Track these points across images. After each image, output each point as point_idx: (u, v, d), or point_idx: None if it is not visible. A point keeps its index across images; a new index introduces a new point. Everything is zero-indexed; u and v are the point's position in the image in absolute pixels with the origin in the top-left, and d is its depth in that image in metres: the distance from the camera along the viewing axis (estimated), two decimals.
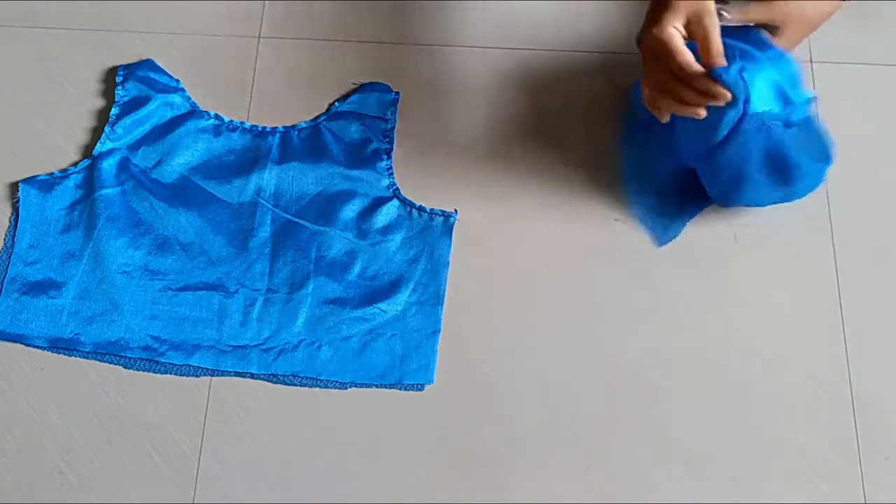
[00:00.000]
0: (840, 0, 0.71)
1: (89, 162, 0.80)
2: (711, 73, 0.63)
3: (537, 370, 0.75)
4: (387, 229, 0.79)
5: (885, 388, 0.74)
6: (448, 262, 0.78)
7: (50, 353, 0.75)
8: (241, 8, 0.90)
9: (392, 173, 0.81)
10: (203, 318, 0.76)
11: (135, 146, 0.82)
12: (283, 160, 0.82)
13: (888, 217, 0.81)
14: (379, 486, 0.71)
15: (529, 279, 0.78)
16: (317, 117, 0.84)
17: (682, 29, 0.65)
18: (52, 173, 0.81)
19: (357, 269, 0.77)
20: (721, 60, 0.64)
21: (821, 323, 0.77)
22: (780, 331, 0.76)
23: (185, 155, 0.82)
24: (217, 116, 0.84)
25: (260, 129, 0.83)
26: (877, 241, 0.80)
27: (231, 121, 0.84)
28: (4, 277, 0.77)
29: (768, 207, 0.79)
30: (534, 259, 0.79)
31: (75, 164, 0.81)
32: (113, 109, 0.83)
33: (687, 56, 0.64)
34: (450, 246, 0.79)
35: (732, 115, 0.67)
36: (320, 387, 0.74)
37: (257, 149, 0.82)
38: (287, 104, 0.85)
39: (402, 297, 0.76)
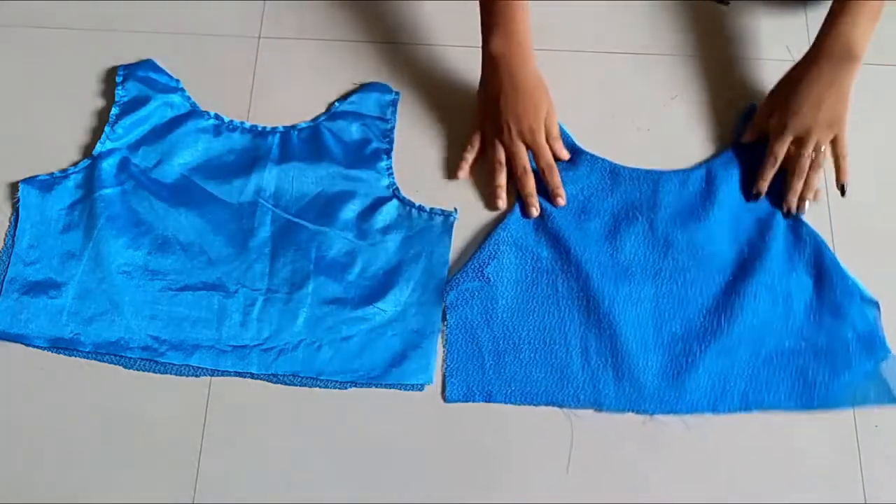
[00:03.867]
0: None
1: (89, 162, 0.80)
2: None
3: None
4: (387, 229, 0.79)
5: None
6: (448, 262, 0.78)
7: (50, 353, 0.75)
8: (241, 8, 0.90)
9: (392, 173, 0.81)
10: (203, 318, 0.76)
11: (135, 146, 0.82)
12: (283, 160, 0.82)
13: (888, 217, 0.81)
14: (379, 486, 0.71)
15: None
16: (317, 117, 0.84)
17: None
18: (52, 173, 0.81)
19: (357, 268, 0.77)
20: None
21: None
22: None
23: (185, 155, 0.82)
24: (217, 116, 0.84)
25: (260, 129, 0.83)
26: (877, 241, 0.79)
27: (231, 121, 0.84)
28: (4, 277, 0.77)
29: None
30: None
31: (75, 164, 0.81)
32: (113, 109, 0.83)
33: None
34: (450, 246, 0.78)
35: None
36: (320, 387, 0.74)
37: (257, 149, 0.82)
38: (287, 104, 0.85)
39: (402, 297, 0.76)
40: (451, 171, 0.82)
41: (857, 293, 0.75)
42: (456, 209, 0.80)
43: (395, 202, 0.80)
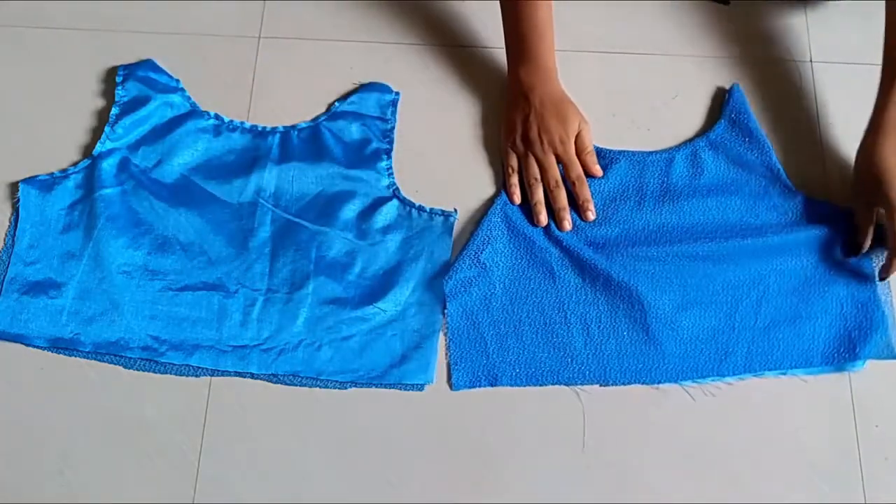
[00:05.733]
0: None
1: (89, 162, 0.80)
2: None
3: None
4: (387, 229, 0.79)
5: (885, 388, 0.74)
6: (448, 263, 0.78)
7: (50, 353, 0.75)
8: (241, 8, 0.90)
9: (392, 173, 0.81)
10: (203, 318, 0.76)
11: (135, 146, 0.82)
12: (283, 160, 0.82)
13: None
14: (379, 486, 0.71)
15: None
16: (317, 117, 0.84)
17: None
18: (52, 173, 0.81)
19: (357, 268, 0.77)
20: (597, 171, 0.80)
21: None
22: None
23: (185, 155, 0.82)
24: (217, 116, 0.84)
25: (260, 129, 0.83)
26: None
27: (231, 121, 0.84)
28: (4, 277, 0.77)
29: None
30: None
31: (75, 164, 0.81)
32: (113, 109, 0.83)
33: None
34: (450, 246, 0.79)
35: None
36: (320, 387, 0.74)
37: (257, 149, 0.82)
38: (287, 104, 0.85)
39: (402, 297, 0.76)
40: (451, 171, 0.82)
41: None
42: (456, 209, 0.80)
43: (395, 202, 0.80)
